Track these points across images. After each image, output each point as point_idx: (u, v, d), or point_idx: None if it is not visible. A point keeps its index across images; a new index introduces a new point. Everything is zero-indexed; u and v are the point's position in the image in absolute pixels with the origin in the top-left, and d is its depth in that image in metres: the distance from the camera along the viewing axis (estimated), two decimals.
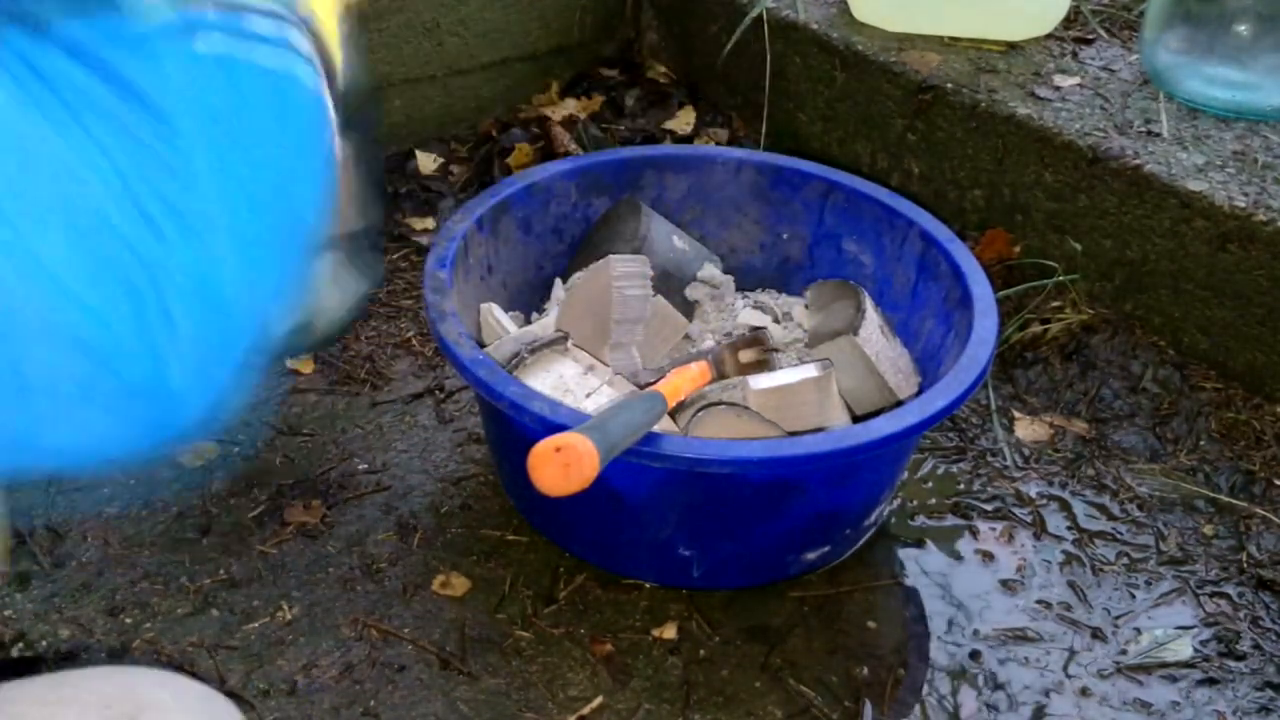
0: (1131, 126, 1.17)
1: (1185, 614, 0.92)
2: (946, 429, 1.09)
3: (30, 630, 0.87)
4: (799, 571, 0.93)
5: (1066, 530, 0.99)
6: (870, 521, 0.94)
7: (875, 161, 1.33)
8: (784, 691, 0.85)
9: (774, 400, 0.89)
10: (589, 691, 0.84)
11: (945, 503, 1.01)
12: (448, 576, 0.92)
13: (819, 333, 0.99)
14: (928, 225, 1.00)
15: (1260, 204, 1.05)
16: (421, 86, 1.45)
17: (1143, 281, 1.13)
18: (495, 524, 0.97)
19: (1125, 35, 1.36)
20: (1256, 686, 0.87)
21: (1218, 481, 1.03)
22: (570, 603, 0.90)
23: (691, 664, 0.86)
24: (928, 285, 1.00)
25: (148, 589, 0.90)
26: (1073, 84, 1.24)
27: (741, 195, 1.11)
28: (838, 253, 1.08)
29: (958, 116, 1.23)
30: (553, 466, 0.65)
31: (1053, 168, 1.17)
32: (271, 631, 0.87)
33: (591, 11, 1.55)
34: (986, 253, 1.22)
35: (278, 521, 0.96)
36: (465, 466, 1.02)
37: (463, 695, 0.83)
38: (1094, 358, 1.14)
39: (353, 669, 0.85)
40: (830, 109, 1.36)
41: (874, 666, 0.87)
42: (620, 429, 0.71)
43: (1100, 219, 1.15)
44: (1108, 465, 1.05)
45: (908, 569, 0.95)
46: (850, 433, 0.82)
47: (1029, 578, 0.94)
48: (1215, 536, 0.98)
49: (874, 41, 1.31)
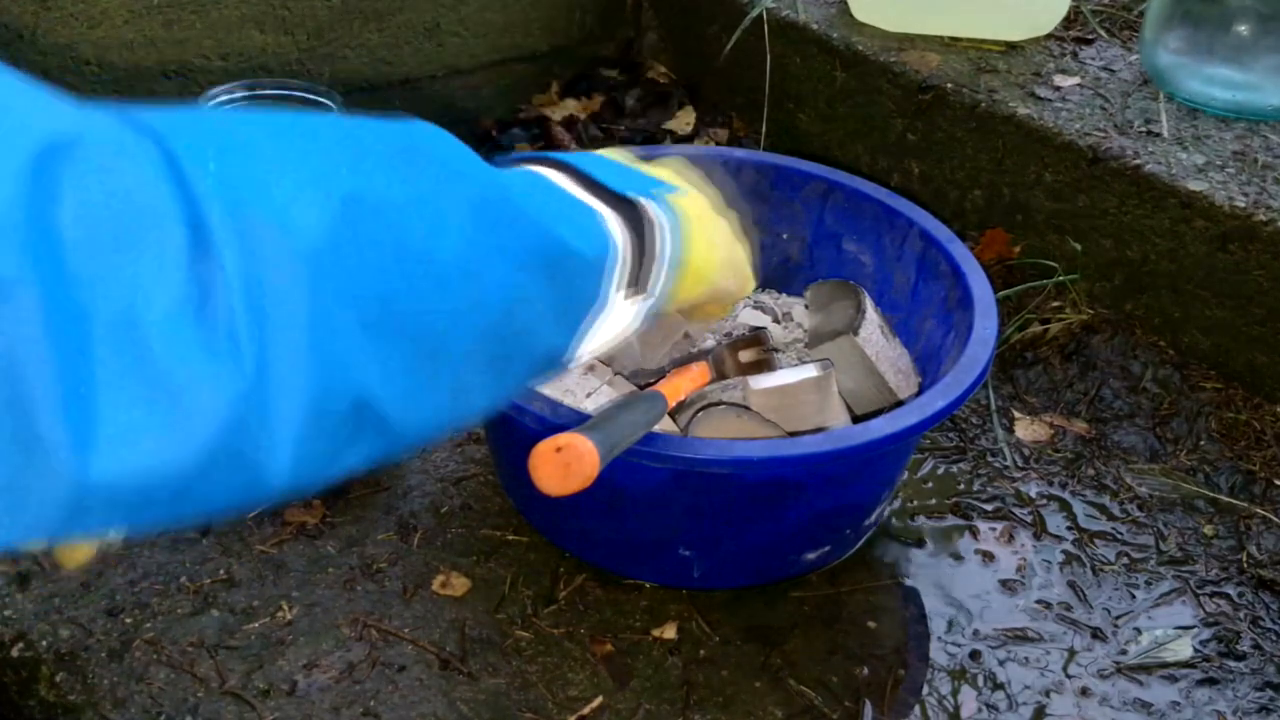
0: (1131, 126, 1.17)
1: (1185, 614, 0.92)
2: (946, 429, 1.09)
3: (30, 630, 0.87)
4: (799, 572, 0.93)
5: (1066, 530, 0.99)
6: (870, 521, 0.94)
7: (875, 161, 1.33)
8: (784, 692, 0.85)
9: (774, 400, 0.89)
10: (589, 691, 0.84)
11: (945, 503, 1.01)
12: (448, 576, 0.92)
13: (819, 333, 0.99)
14: (928, 225, 1.00)
15: (1260, 204, 1.05)
16: (421, 86, 1.45)
17: (1143, 281, 1.13)
18: (495, 524, 0.97)
19: (1125, 35, 1.36)
20: (1257, 686, 0.86)
21: (1218, 481, 1.03)
22: (570, 603, 0.90)
23: (691, 664, 0.86)
24: (928, 285, 1.00)
25: (148, 589, 0.90)
26: (1073, 84, 1.24)
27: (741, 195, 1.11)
28: (838, 253, 1.08)
29: (958, 116, 1.23)
30: (553, 466, 0.65)
31: (1053, 168, 1.17)
32: (271, 631, 0.87)
33: (591, 11, 1.55)
34: (986, 253, 1.22)
35: (278, 521, 0.96)
36: (465, 466, 1.02)
37: (463, 695, 0.83)
38: (1094, 358, 1.14)
39: (353, 669, 0.85)
40: (830, 109, 1.36)
41: (874, 667, 0.87)
42: (620, 429, 0.71)
43: (1100, 219, 1.15)
44: (1108, 465, 1.05)
45: (908, 569, 0.95)
46: (850, 433, 0.82)
47: (1029, 578, 0.94)
48: (1215, 536, 0.98)
49: (874, 41, 1.31)
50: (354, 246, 0.41)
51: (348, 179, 0.42)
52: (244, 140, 0.41)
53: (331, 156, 0.43)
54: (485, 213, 0.49)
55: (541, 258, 0.51)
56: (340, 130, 0.46)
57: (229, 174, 0.39)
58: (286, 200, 0.40)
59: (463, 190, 0.48)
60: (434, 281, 0.45)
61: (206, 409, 0.37)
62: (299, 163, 0.42)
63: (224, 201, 0.38)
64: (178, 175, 0.37)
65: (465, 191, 0.48)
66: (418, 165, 0.46)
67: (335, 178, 0.42)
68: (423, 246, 0.45)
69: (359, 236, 0.42)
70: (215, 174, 0.38)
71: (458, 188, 0.48)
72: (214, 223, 0.37)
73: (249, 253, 0.38)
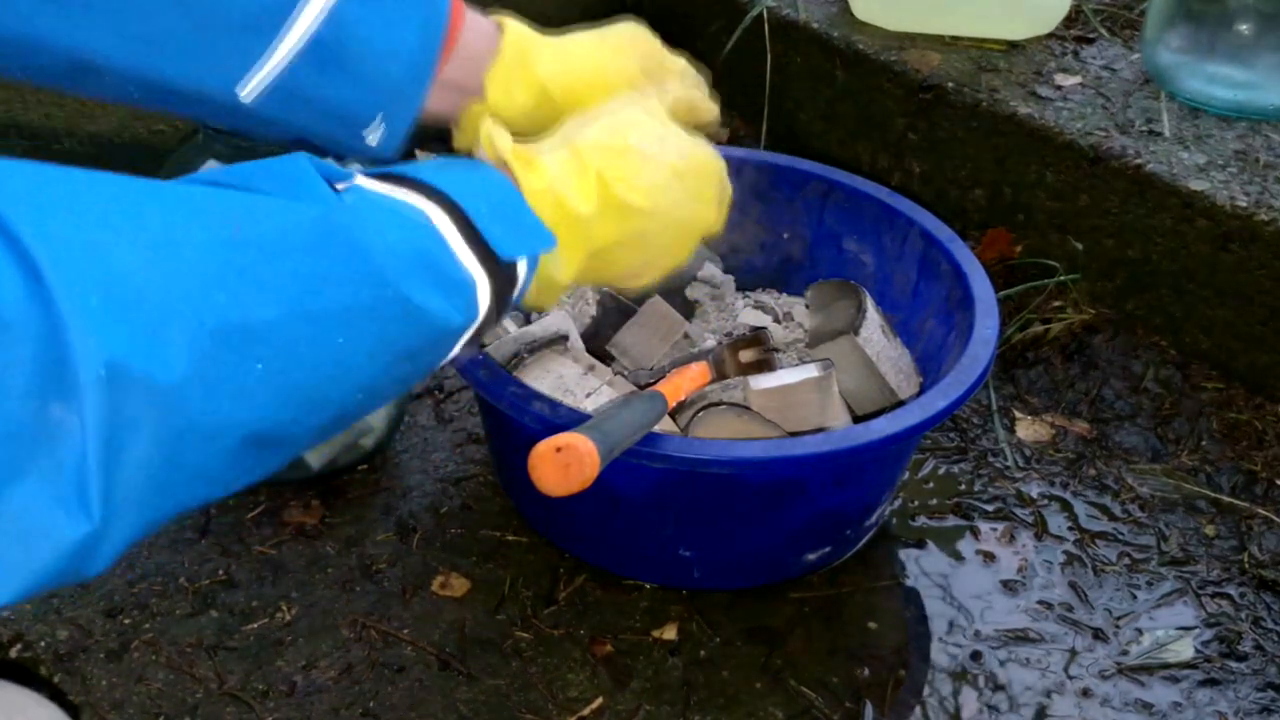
0: (1133, 126, 1.17)
1: (1187, 615, 0.92)
2: (947, 429, 1.09)
3: (29, 631, 0.86)
4: (800, 572, 0.92)
5: (1068, 531, 0.98)
6: (871, 522, 0.94)
7: (876, 161, 1.33)
8: (785, 692, 0.84)
9: (775, 400, 0.88)
10: (589, 692, 0.84)
11: (946, 503, 1.01)
12: (447, 577, 0.92)
13: (820, 333, 0.99)
14: (929, 225, 1.00)
15: (1262, 203, 1.05)
16: None
17: (1144, 281, 1.13)
18: (495, 524, 0.97)
19: (1126, 34, 1.35)
20: (1258, 687, 0.86)
21: (1219, 482, 1.03)
22: (570, 603, 0.90)
23: (692, 665, 0.86)
24: (929, 285, 0.99)
25: (146, 589, 0.90)
26: (1074, 83, 1.24)
27: (742, 195, 1.10)
28: (838, 252, 1.08)
29: (959, 116, 1.23)
30: (553, 466, 0.65)
31: (1054, 167, 1.17)
32: (270, 632, 0.87)
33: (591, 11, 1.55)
34: (988, 252, 1.21)
35: (276, 522, 0.96)
36: (465, 467, 1.02)
37: (462, 696, 0.83)
38: (1095, 357, 1.14)
39: (352, 669, 0.84)
40: (831, 108, 1.36)
41: (875, 667, 0.87)
42: (621, 429, 0.71)
43: (1101, 218, 1.14)
44: (1109, 465, 1.05)
45: (909, 569, 0.95)
46: (851, 433, 0.81)
47: (1030, 578, 0.94)
48: (1217, 537, 0.98)
49: (875, 41, 1.31)
50: (222, 381, 0.40)
51: (220, 304, 0.41)
52: (117, 266, 0.38)
53: (204, 271, 0.41)
54: (366, 320, 0.47)
55: (418, 347, 0.51)
56: (217, 228, 0.43)
57: (103, 311, 0.36)
58: (153, 339, 0.38)
59: (341, 297, 0.46)
60: (305, 397, 0.45)
61: (45, 553, 0.36)
62: (169, 285, 0.39)
63: (95, 339, 0.36)
64: (43, 300, 0.35)
65: (343, 298, 0.46)
66: (293, 262, 0.44)
67: (207, 304, 0.40)
68: (296, 376, 0.44)
69: (228, 369, 0.41)
70: (96, 309, 0.36)
71: (336, 293, 0.46)
72: (78, 362, 0.35)
73: (110, 404, 0.36)
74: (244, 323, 0.41)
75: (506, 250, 0.56)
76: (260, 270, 0.43)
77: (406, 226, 0.52)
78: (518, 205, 0.61)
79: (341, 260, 0.46)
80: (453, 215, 0.54)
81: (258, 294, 0.42)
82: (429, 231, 0.53)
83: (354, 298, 0.46)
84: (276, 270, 0.43)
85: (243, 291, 0.42)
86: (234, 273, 0.42)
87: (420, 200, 0.54)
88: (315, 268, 0.45)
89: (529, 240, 0.59)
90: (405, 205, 0.53)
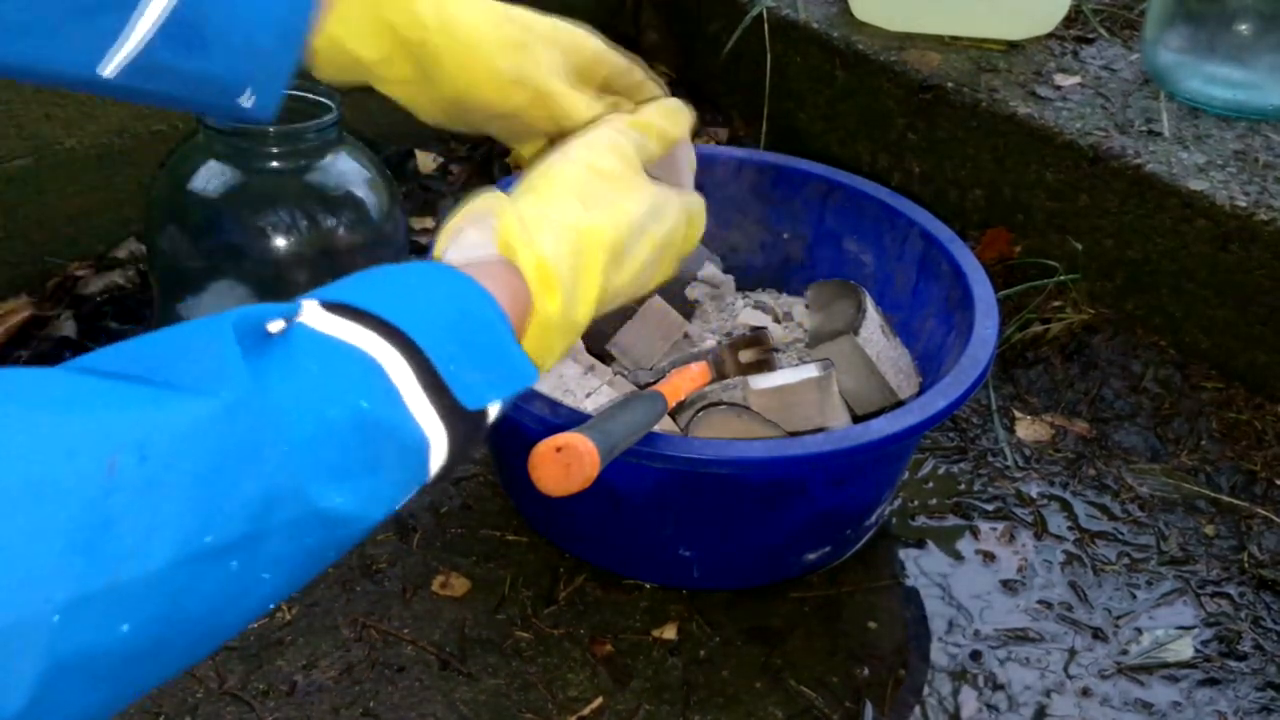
0: (1132, 126, 1.17)
1: (1186, 614, 0.92)
2: (947, 429, 1.09)
3: None
4: (799, 572, 0.93)
5: (1067, 530, 0.99)
6: (871, 522, 0.94)
7: (876, 161, 1.33)
8: (784, 692, 0.84)
9: (774, 400, 0.89)
10: (589, 692, 0.84)
11: (946, 503, 1.01)
12: (447, 577, 0.92)
13: (819, 333, 0.99)
14: (928, 225, 1.00)
15: (1262, 203, 1.05)
16: None
17: (1144, 281, 1.13)
18: (495, 524, 0.97)
19: (1126, 34, 1.36)
20: (1258, 687, 0.86)
21: (1219, 481, 1.03)
22: (570, 603, 0.90)
23: (692, 665, 0.86)
24: (929, 285, 0.99)
25: None
26: (1073, 83, 1.24)
27: (742, 195, 1.11)
28: (838, 252, 1.08)
29: (958, 116, 1.23)
30: (553, 466, 0.65)
31: (1054, 167, 1.17)
32: (270, 632, 0.87)
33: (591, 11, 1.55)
34: (987, 252, 1.22)
35: None
36: (465, 467, 1.02)
37: (463, 696, 0.83)
38: (1095, 357, 1.14)
39: (352, 669, 0.85)
40: (831, 108, 1.36)
41: (875, 667, 0.87)
42: (621, 429, 0.71)
43: (1101, 218, 1.15)
44: (1109, 465, 1.05)
45: (908, 569, 0.95)
46: (851, 433, 0.81)
47: (1030, 578, 0.94)
48: (1216, 537, 0.98)
49: (874, 41, 1.31)
50: (70, 699, 0.36)
51: (78, 572, 0.35)
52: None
53: (63, 530, 0.35)
54: (270, 542, 0.41)
55: (337, 547, 0.46)
56: (89, 467, 0.36)
57: None
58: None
59: (237, 528, 0.40)
60: (179, 639, 0.41)
61: None
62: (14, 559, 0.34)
63: None
64: None
65: (240, 528, 0.40)
66: (180, 498, 0.38)
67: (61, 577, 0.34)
68: (172, 627, 0.39)
69: (78, 684, 0.36)
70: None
71: (231, 525, 0.39)
72: None
73: None
74: (110, 586, 0.35)
75: (475, 400, 0.50)
76: (138, 516, 0.36)
77: (347, 390, 0.44)
78: (499, 340, 0.53)
79: (246, 476, 0.40)
80: (413, 361, 0.47)
81: (131, 544, 0.36)
82: (376, 389, 0.46)
83: (255, 524, 0.40)
84: (159, 510, 0.37)
85: (109, 550, 0.35)
86: (99, 527, 0.35)
87: (376, 344, 0.46)
88: (209, 497, 0.39)
89: (508, 380, 0.53)
90: (354, 354, 0.46)
